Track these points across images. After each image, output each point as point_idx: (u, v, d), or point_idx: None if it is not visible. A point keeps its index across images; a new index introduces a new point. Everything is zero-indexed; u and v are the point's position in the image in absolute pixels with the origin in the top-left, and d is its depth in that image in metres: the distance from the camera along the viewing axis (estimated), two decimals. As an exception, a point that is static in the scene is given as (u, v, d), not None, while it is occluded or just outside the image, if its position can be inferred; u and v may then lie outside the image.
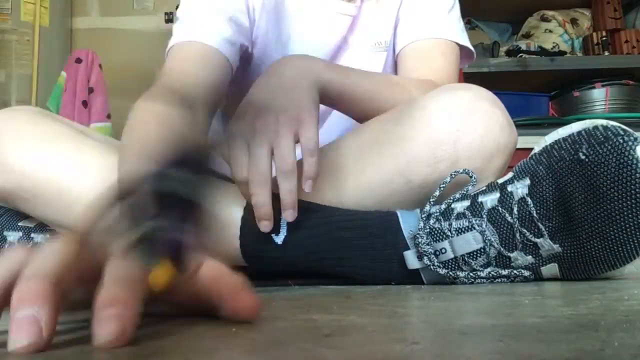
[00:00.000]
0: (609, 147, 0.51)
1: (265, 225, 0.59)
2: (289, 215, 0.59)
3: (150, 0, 2.73)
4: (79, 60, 2.15)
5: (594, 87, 2.07)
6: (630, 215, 0.50)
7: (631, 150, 0.50)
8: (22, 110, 0.69)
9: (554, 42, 2.22)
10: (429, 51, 0.83)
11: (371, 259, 0.60)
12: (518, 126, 0.68)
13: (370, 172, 0.65)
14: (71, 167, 0.65)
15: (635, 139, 0.51)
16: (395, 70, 0.89)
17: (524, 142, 1.67)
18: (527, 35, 2.30)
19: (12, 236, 0.67)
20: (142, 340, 0.32)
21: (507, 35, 2.44)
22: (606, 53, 2.13)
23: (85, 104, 2.13)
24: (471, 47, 0.87)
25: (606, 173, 0.51)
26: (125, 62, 2.62)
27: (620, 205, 0.50)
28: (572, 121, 0.58)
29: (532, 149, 0.60)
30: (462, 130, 0.61)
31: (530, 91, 2.08)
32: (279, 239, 0.61)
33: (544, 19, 2.30)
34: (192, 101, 0.66)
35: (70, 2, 2.61)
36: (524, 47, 2.12)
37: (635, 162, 0.50)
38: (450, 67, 0.83)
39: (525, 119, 1.75)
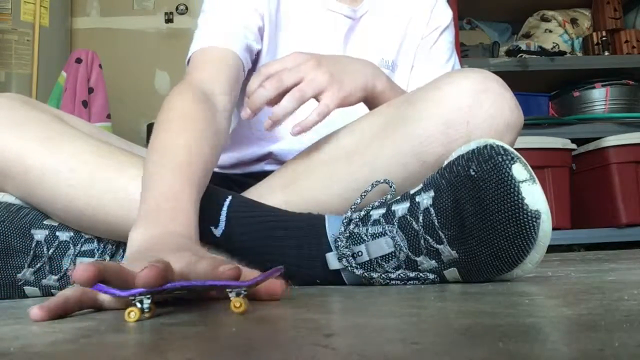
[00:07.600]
0: (492, 164, 0.57)
1: (247, 114, 0.70)
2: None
3: (150, 0, 2.73)
4: (79, 60, 2.15)
5: (594, 87, 2.07)
6: (509, 226, 0.55)
7: (508, 169, 0.56)
8: (4, 97, 0.71)
9: (554, 42, 2.22)
10: None
11: (297, 258, 0.64)
12: (518, 126, 0.68)
13: (385, 155, 0.67)
14: (38, 148, 0.67)
15: (512, 158, 0.56)
16: None
17: (524, 142, 1.67)
18: (527, 35, 2.30)
19: (39, 234, 0.69)
20: (142, 340, 0.32)
21: (507, 35, 2.44)
22: (606, 53, 2.13)
23: (85, 104, 2.13)
24: None
25: (489, 188, 0.56)
26: (125, 62, 2.62)
27: (500, 217, 0.56)
28: (572, 121, 0.59)
29: (532, 148, 0.61)
30: (474, 110, 0.63)
31: (530, 91, 2.08)
32: (218, 232, 0.64)
33: (544, 19, 2.30)
34: (216, 103, 0.71)
35: (70, 2, 2.61)
36: (524, 47, 2.12)
37: (510, 178, 0.55)
38: None
39: (525, 119, 1.75)
